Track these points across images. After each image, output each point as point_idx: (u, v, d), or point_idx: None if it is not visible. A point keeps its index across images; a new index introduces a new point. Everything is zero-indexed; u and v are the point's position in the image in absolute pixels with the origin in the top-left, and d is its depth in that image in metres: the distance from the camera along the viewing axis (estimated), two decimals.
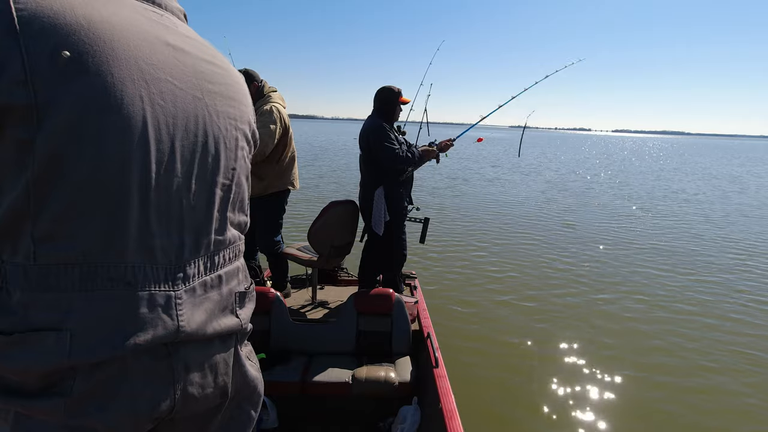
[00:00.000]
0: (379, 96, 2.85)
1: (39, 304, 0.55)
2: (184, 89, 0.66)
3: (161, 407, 0.64)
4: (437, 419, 1.78)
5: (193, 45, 0.70)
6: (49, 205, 0.54)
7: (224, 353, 0.73)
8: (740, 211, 9.29)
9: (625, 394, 2.74)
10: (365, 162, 2.89)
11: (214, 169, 0.71)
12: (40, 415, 0.57)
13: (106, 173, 0.57)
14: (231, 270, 0.75)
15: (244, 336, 0.80)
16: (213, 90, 0.71)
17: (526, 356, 3.15)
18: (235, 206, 0.77)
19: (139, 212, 0.60)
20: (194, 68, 0.68)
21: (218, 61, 0.75)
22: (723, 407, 2.66)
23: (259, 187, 2.80)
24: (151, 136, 0.60)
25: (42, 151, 0.53)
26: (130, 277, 0.59)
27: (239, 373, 0.77)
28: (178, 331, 0.63)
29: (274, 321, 2.30)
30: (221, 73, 0.74)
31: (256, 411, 0.84)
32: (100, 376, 0.58)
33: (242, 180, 0.78)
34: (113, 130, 0.56)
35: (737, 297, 4.34)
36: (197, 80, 0.68)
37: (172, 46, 0.66)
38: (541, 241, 6.25)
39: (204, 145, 0.69)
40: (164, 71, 0.63)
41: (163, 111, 0.62)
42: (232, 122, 0.74)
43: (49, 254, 0.55)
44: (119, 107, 0.57)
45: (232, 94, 0.75)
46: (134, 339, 0.59)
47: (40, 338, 0.55)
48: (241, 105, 0.77)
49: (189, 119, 0.66)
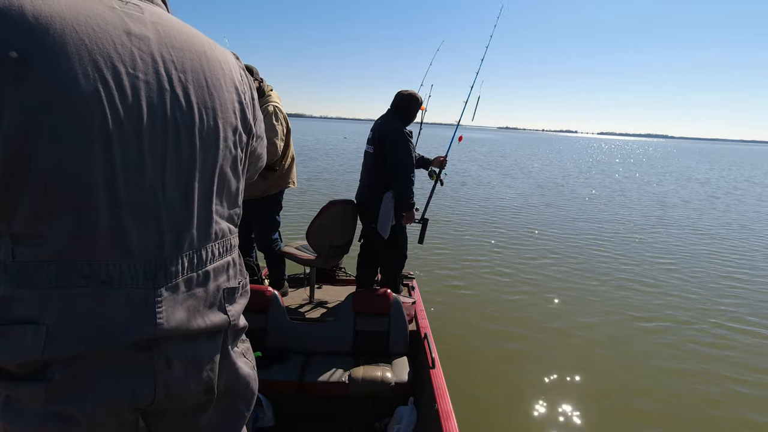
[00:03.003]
0: (402, 99, 2.82)
1: (19, 299, 0.57)
2: (149, 81, 0.62)
3: (140, 399, 0.64)
4: (433, 420, 1.78)
5: (162, 32, 0.65)
6: (20, 205, 0.55)
7: (210, 349, 0.72)
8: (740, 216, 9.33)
9: (625, 397, 2.74)
10: (375, 161, 2.80)
11: (191, 163, 0.67)
12: (24, 398, 0.59)
13: (69, 174, 0.56)
14: (220, 265, 0.74)
15: (236, 333, 0.79)
16: (185, 79, 0.66)
17: (523, 358, 3.16)
18: (222, 198, 0.74)
19: (109, 211, 0.59)
20: (161, 57, 0.64)
21: (192, 45, 0.69)
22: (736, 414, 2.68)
23: (261, 187, 2.79)
24: (113, 134, 0.58)
25: (2, 155, 0.53)
26: (105, 276, 0.60)
27: (229, 370, 0.76)
28: (155, 328, 0.63)
29: (271, 320, 2.30)
30: (194, 60, 0.68)
31: (249, 408, 0.84)
32: (79, 367, 0.60)
33: (227, 171, 0.74)
34: (69, 129, 0.55)
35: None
36: (165, 71, 0.64)
37: (135, 35, 0.61)
38: (541, 241, 6.27)
39: (176, 140, 0.65)
40: (125, 64, 0.59)
41: (124, 106, 0.59)
42: (210, 112, 0.69)
43: (25, 252, 0.57)
44: (74, 106, 0.55)
45: (209, 81, 0.70)
46: (109, 336, 0.60)
47: (20, 331, 0.57)
48: (222, 92, 0.72)
49: (155, 113, 0.62)
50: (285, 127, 2.74)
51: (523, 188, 12.13)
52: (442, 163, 3.10)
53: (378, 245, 2.90)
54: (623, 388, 2.84)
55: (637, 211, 9.25)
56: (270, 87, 2.82)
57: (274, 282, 3.02)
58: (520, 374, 2.95)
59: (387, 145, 2.72)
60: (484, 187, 11.93)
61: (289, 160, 2.89)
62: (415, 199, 2.82)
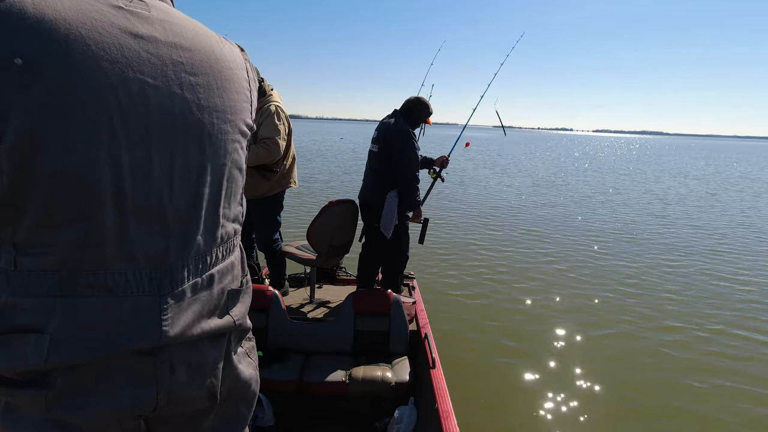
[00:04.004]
0: (414, 104, 2.87)
1: (22, 308, 0.56)
2: (158, 86, 0.60)
3: (143, 406, 0.63)
4: (433, 420, 1.78)
5: (170, 30, 0.63)
6: (25, 213, 0.54)
7: (214, 354, 0.71)
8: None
9: (626, 397, 2.74)
10: (381, 162, 2.82)
11: (200, 168, 0.66)
12: (24, 405, 0.58)
13: (76, 182, 0.55)
14: (224, 267, 0.73)
15: (240, 333, 0.78)
16: (194, 82, 0.64)
17: (523, 358, 3.15)
18: (230, 200, 0.73)
19: (116, 218, 0.58)
20: (170, 59, 0.62)
21: (201, 45, 0.67)
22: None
23: (264, 187, 2.79)
24: (120, 141, 0.57)
25: (7, 163, 0.52)
26: (111, 284, 0.59)
27: (232, 374, 0.75)
28: (161, 336, 0.62)
29: (271, 319, 2.30)
30: (204, 60, 0.66)
31: (250, 410, 0.83)
32: (81, 373, 0.58)
33: (235, 174, 0.73)
34: (76, 137, 0.54)
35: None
36: (174, 73, 0.62)
37: (142, 37, 0.59)
38: (541, 240, 6.27)
39: (185, 145, 0.64)
40: (132, 68, 0.58)
41: (133, 112, 0.58)
42: (220, 114, 0.68)
43: (28, 261, 0.55)
44: (80, 112, 0.54)
45: (219, 82, 0.68)
46: (113, 345, 0.59)
47: (22, 340, 0.56)
48: (231, 93, 0.70)
49: (165, 118, 0.61)
50: (287, 126, 2.74)
51: (522, 187, 12.13)
52: (444, 163, 3.12)
53: (380, 244, 2.90)
54: (624, 389, 2.84)
55: (637, 209, 9.24)
56: (271, 87, 2.82)
57: (275, 281, 3.02)
58: (521, 374, 2.95)
59: (393, 145, 2.74)
60: (483, 187, 11.93)
61: (290, 160, 2.89)
62: (420, 197, 2.84)
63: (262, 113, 2.68)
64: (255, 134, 2.68)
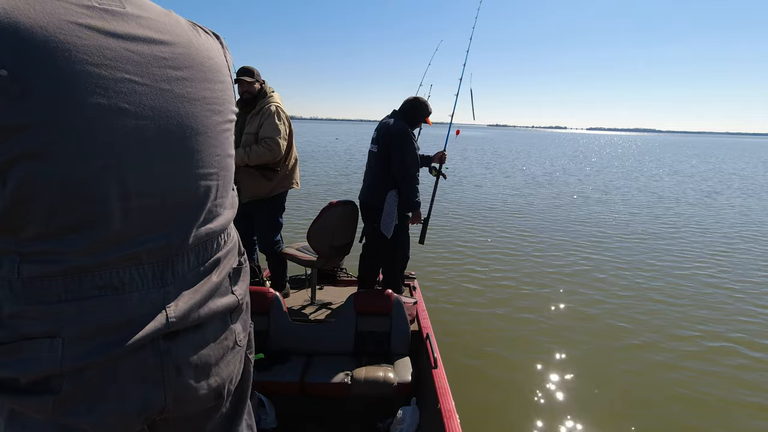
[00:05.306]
0: (414, 105, 2.88)
1: (28, 316, 0.56)
2: (147, 84, 0.59)
3: (151, 408, 0.63)
4: (436, 420, 1.78)
5: (147, 26, 0.61)
6: (29, 223, 0.54)
7: (218, 353, 0.72)
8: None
9: (626, 395, 2.74)
10: (380, 162, 2.83)
11: (198, 161, 0.66)
12: (30, 411, 0.58)
13: (80, 191, 0.55)
14: (225, 252, 0.75)
15: (238, 313, 0.79)
16: (181, 76, 0.64)
17: (525, 357, 3.15)
18: (226, 188, 0.74)
19: (121, 222, 0.59)
20: (152, 56, 0.61)
21: (179, 37, 0.65)
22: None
23: (266, 188, 2.79)
24: (120, 144, 0.57)
25: (8, 176, 0.51)
26: (117, 283, 0.59)
27: (234, 371, 0.77)
28: (167, 324, 0.63)
29: (273, 321, 2.30)
30: (185, 54, 0.65)
31: (244, 403, 0.85)
32: (89, 377, 0.58)
33: (228, 162, 0.74)
34: (74, 146, 0.53)
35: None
36: (160, 70, 0.61)
37: (122, 35, 0.58)
38: (541, 241, 6.26)
39: (182, 140, 0.64)
40: (119, 69, 0.57)
41: (128, 114, 0.57)
42: (211, 106, 0.68)
43: (33, 269, 0.55)
44: (75, 121, 0.53)
45: (203, 74, 0.67)
46: (123, 341, 0.59)
47: (34, 346, 0.56)
48: (215, 83, 0.70)
49: (160, 117, 0.61)
50: (287, 127, 2.75)
51: (520, 186, 12.12)
52: (442, 158, 3.13)
53: (381, 245, 2.90)
54: (626, 390, 2.83)
55: (637, 208, 9.25)
56: (271, 89, 2.83)
57: (276, 283, 3.03)
58: (523, 373, 2.95)
59: (392, 145, 2.75)
60: (482, 186, 11.92)
61: (292, 160, 2.90)
62: (420, 198, 2.84)
63: (263, 113, 2.70)
64: (256, 134, 2.69)
